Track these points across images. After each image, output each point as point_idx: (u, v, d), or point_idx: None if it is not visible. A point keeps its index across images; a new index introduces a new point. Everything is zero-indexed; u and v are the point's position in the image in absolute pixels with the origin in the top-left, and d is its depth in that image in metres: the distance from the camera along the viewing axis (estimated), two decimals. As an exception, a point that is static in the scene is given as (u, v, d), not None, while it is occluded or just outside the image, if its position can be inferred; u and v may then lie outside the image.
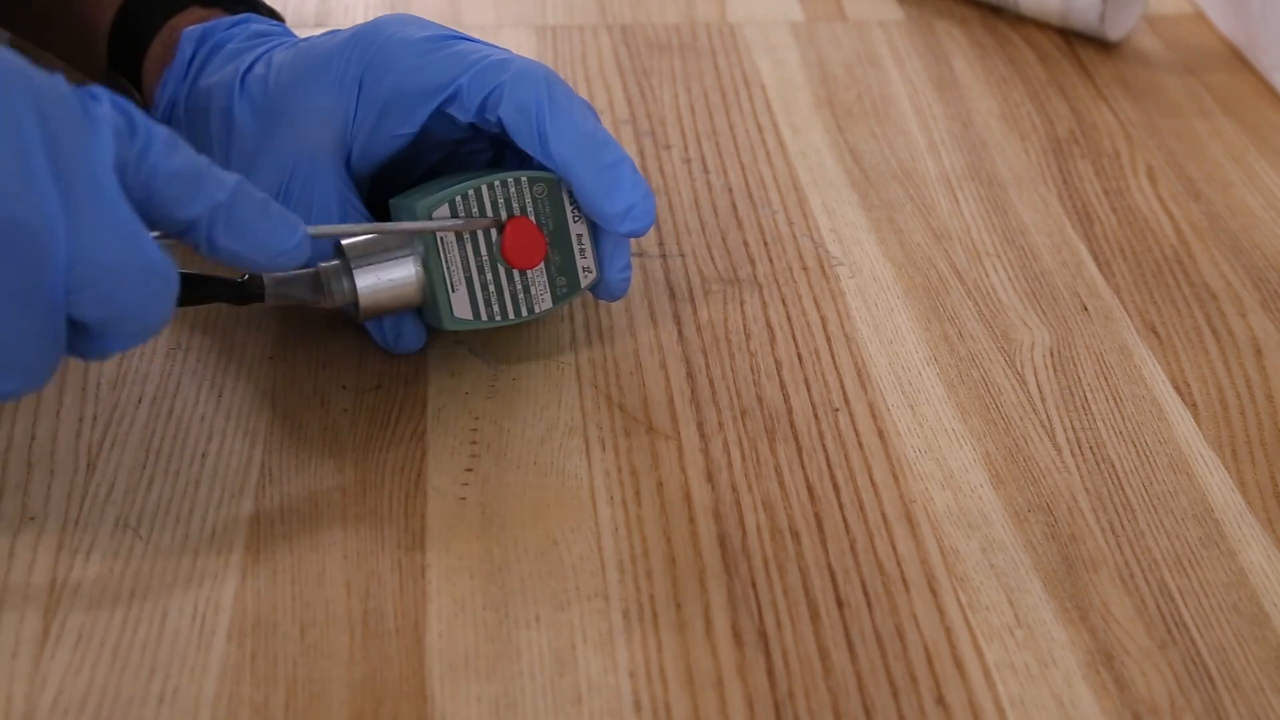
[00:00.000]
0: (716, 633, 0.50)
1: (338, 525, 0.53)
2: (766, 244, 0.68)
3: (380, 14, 0.86)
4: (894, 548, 0.53)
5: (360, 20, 0.86)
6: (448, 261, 0.57)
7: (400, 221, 0.57)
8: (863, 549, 0.53)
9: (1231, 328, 0.65)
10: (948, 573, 0.52)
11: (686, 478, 0.56)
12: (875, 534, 0.54)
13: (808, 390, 0.60)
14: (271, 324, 0.62)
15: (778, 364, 0.61)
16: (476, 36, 0.60)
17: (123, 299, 0.47)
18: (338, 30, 0.60)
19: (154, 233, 0.47)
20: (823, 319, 0.64)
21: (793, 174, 0.74)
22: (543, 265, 0.58)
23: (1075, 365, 0.62)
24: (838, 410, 0.59)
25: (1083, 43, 0.87)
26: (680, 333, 0.63)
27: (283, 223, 0.50)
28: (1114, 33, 0.86)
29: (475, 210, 0.57)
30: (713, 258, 0.67)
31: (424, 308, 0.58)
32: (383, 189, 0.60)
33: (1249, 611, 0.51)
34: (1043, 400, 0.60)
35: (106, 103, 0.46)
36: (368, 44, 0.58)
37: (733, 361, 0.61)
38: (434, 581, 0.51)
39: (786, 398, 0.59)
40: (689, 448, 0.57)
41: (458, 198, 0.57)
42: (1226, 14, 0.88)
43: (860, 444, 0.57)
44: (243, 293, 0.55)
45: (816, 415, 0.59)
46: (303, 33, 0.64)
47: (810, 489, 0.55)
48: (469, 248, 0.57)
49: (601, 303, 0.63)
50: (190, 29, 0.63)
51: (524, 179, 0.58)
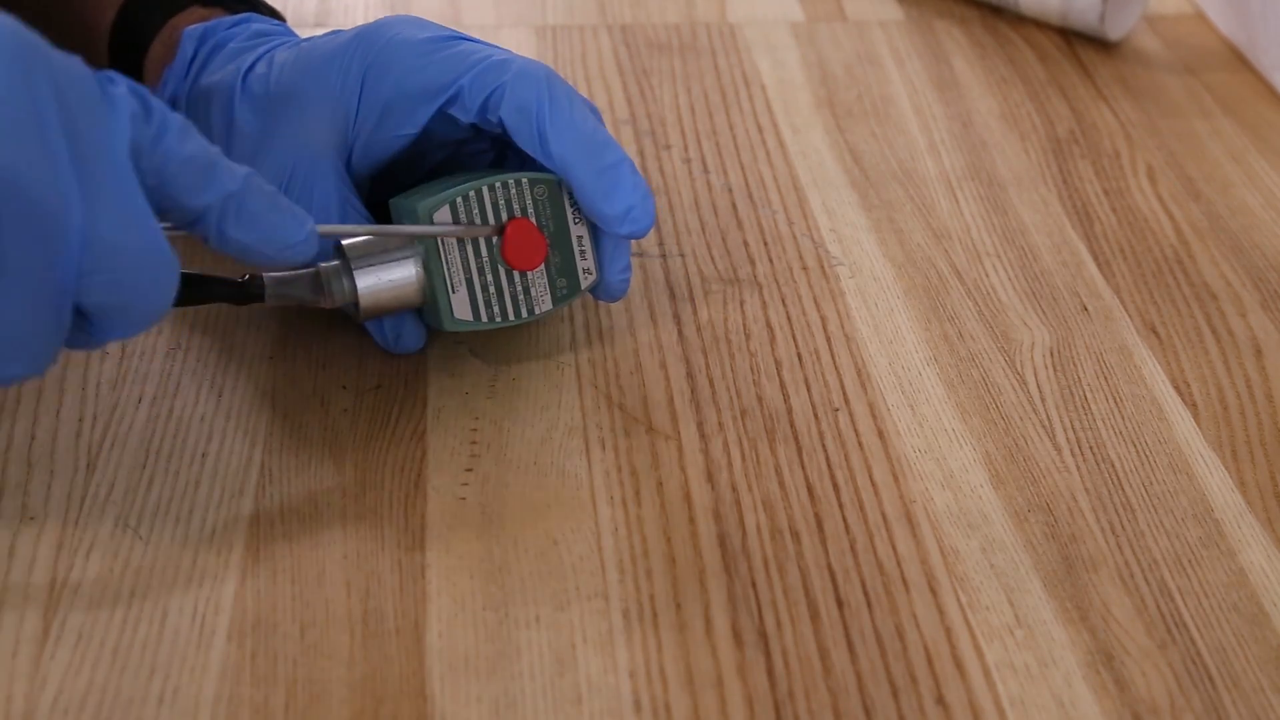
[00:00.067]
0: (716, 633, 0.50)
1: (338, 525, 0.53)
2: (766, 244, 0.68)
3: (380, 14, 0.87)
4: (894, 548, 0.53)
5: (360, 20, 0.86)
6: (448, 263, 0.57)
7: (401, 223, 0.57)
8: (863, 549, 0.53)
9: (1231, 328, 0.65)
10: (948, 573, 0.52)
11: (686, 478, 0.56)
12: (875, 534, 0.54)
13: (808, 390, 0.60)
14: (271, 324, 0.62)
15: (778, 364, 0.61)
16: (477, 37, 0.60)
17: (132, 285, 0.46)
18: (340, 31, 0.60)
19: (162, 224, 0.47)
20: (823, 319, 0.64)
21: (793, 174, 0.74)
22: (543, 267, 0.58)
23: (1075, 365, 0.62)
24: (838, 410, 0.59)
25: (1083, 43, 0.87)
26: (680, 333, 0.63)
27: (292, 216, 0.50)
28: (1114, 33, 0.86)
29: (476, 211, 0.57)
30: (713, 258, 0.67)
31: (424, 308, 0.58)
32: (384, 189, 0.60)
33: (1249, 611, 0.51)
34: (1043, 400, 0.60)
35: (123, 86, 0.46)
36: (370, 44, 0.58)
37: (733, 361, 0.61)
38: (434, 581, 0.51)
39: (786, 398, 0.59)
40: (689, 448, 0.57)
41: (459, 199, 0.57)
42: (1226, 14, 0.88)
43: (860, 444, 0.57)
44: (243, 293, 0.55)
45: (816, 415, 0.59)
46: (302, 33, 0.64)
47: (810, 489, 0.55)
48: (469, 249, 0.57)
49: (601, 303, 0.63)
50: (192, 28, 0.63)
51: (524, 180, 0.58)
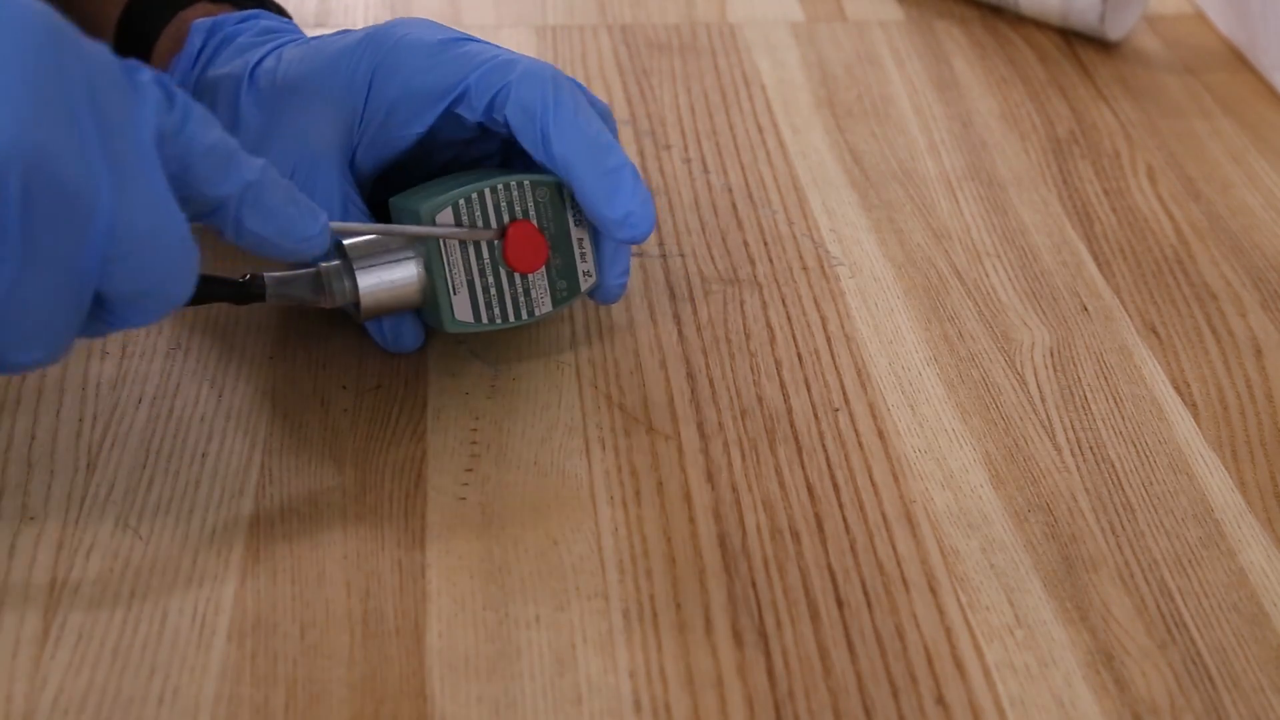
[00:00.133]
0: (716, 633, 0.50)
1: (338, 525, 0.53)
2: (766, 244, 0.68)
3: (381, 13, 0.87)
4: (894, 548, 0.53)
5: (359, 20, 0.86)
6: (449, 264, 0.57)
7: (401, 222, 0.57)
8: (863, 549, 0.53)
9: (1231, 328, 0.65)
10: (948, 573, 0.52)
11: (686, 478, 0.56)
12: (875, 534, 0.54)
13: (808, 390, 0.60)
14: (271, 324, 0.62)
15: (778, 364, 0.61)
16: (478, 37, 0.60)
17: (154, 272, 0.46)
18: (350, 30, 0.60)
19: None
20: (823, 319, 0.64)
21: (793, 174, 0.74)
22: (544, 269, 0.58)
23: (1075, 365, 0.62)
24: (838, 410, 0.59)
25: (1083, 43, 0.87)
26: (680, 333, 0.63)
27: (307, 210, 0.51)
28: (1114, 33, 0.86)
29: (478, 213, 0.57)
30: (713, 258, 0.67)
31: (425, 309, 0.58)
32: (388, 189, 0.60)
33: (1249, 611, 0.51)
34: (1043, 400, 0.60)
35: (148, 74, 0.46)
36: (379, 44, 0.58)
37: (733, 361, 0.61)
38: (434, 581, 0.51)
39: (786, 398, 0.59)
40: (689, 448, 0.57)
41: (461, 201, 0.57)
42: (1226, 14, 0.88)
43: (860, 444, 0.57)
44: (243, 292, 0.55)
45: (816, 415, 0.59)
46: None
47: (810, 489, 0.55)
48: (471, 251, 0.57)
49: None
50: (200, 20, 0.63)
51: (526, 182, 0.58)
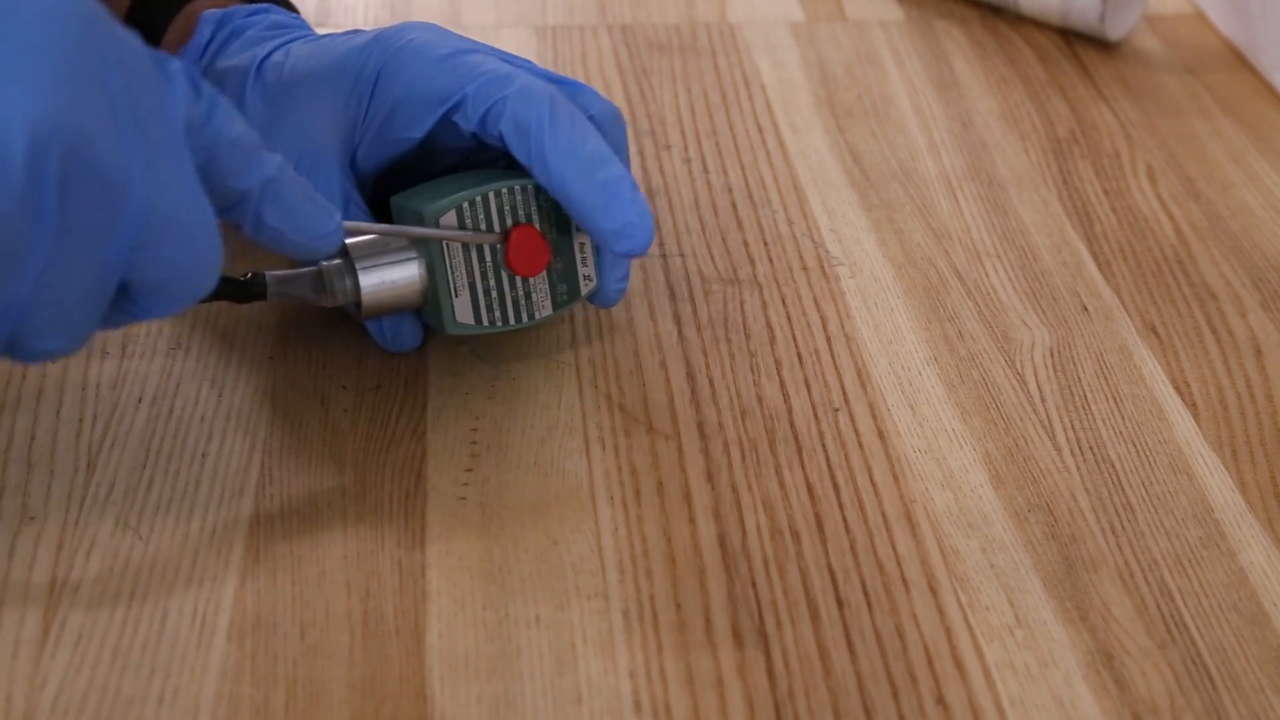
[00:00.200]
0: (716, 633, 0.50)
1: (338, 525, 0.53)
2: (766, 244, 0.68)
3: (381, 14, 0.87)
4: (894, 548, 0.53)
5: (359, 21, 0.86)
6: (452, 267, 0.57)
7: (402, 221, 0.57)
8: (863, 549, 0.53)
9: (1231, 328, 0.65)
10: (948, 573, 0.52)
11: (686, 477, 0.56)
12: (875, 534, 0.54)
13: (808, 390, 0.60)
14: (272, 324, 0.62)
15: (778, 364, 0.61)
16: (477, 38, 0.60)
17: (181, 261, 0.46)
18: (361, 30, 0.60)
19: None
20: (823, 319, 0.64)
21: (793, 174, 0.74)
22: (545, 273, 0.58)
23: (1075, 365, 0.62)
24: (838, 410, 0.59)
25: (1083, 43, 0.87)
26: (680, 333, 0.63)
27: (322, 207, 0.51)
28: (1114, 33, 0.86)
29: (481, 215, 0.57)
30: (713, 258, 0.67)
31: (425, 311, 0.58)
32: (392, 190, 0.60)
33: (1249, 611, 0.51)
34: (1043, 400, 0.60)
35: (177, 64, 0.46)
36: (387, 46, 0.58)
37: (733, 361, 0.61)
38: (434, 581, 0.51)
39: (786, 398, 0.59)
40: (689, 448, 0.57)
41: (465, 204, 0.57)
42: (1226, 14, 0.88)
43: (860, 444, 0.57)
44: (245, 291, 0.55)
45: (816, 415, 0.59)
46: (303, 33, 0.64)
47: (810, 489, 0.55)
48: (473, 254, 0.57)
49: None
50: (209, 12, 0.63)
51: (530, 186, 0.58)
